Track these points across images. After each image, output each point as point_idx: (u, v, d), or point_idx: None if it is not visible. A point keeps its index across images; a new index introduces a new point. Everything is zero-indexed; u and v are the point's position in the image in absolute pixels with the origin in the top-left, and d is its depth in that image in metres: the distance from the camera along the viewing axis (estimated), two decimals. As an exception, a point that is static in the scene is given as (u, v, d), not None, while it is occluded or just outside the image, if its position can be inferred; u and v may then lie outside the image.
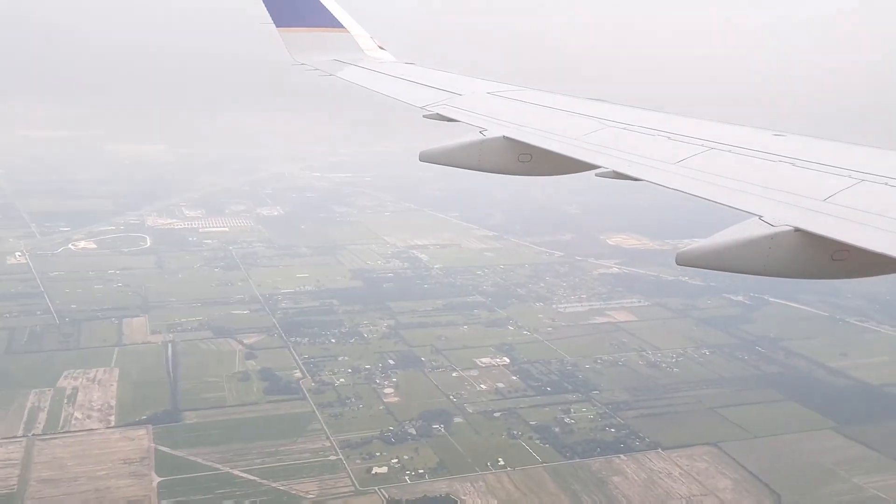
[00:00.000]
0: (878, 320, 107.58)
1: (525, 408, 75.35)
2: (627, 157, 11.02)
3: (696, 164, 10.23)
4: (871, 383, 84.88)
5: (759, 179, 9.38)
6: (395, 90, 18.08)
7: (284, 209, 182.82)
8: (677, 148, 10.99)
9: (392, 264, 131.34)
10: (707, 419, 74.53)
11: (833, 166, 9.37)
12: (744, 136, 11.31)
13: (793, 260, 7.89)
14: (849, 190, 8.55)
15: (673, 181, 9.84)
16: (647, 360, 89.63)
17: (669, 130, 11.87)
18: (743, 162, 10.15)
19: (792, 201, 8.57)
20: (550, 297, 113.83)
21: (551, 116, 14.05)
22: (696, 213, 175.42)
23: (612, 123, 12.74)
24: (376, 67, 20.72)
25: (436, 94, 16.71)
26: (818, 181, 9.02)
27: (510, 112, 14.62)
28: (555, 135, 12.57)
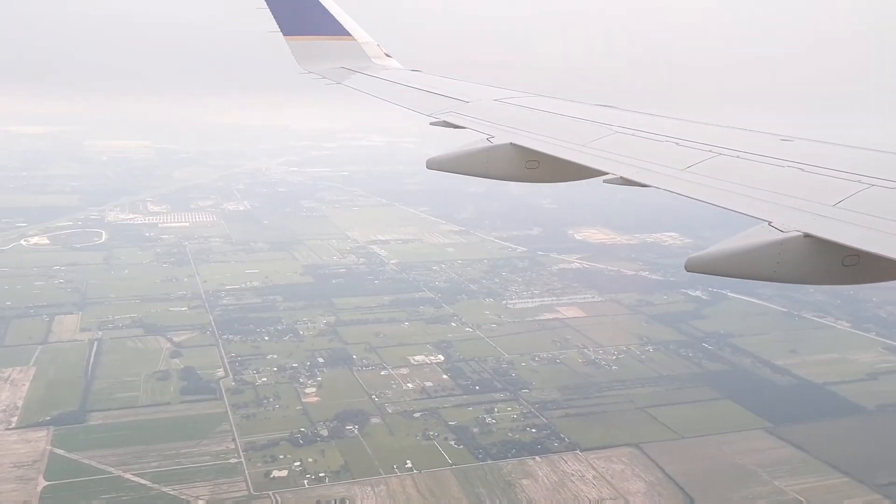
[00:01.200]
0: (836, 316, 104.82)
1: (448, 407, 72.94)
2: (635, 162, 10.87)
3: (703, 170, 10.07)
4: (814, 382, 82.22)
5: (768, 185, 9.24)
6: (402, 98, 18.00)
7: (252, 204, 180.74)
8: (685, 153, 10.82)
9: (347, 260, 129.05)
10: (635, 419, 72.00)
11: (842, 171, 9.21)
12: (751, 141, 11.22)
13: (802, 266, 7.75)
14: (858, 195, 8.39)
15: (680, 187, 9.67)
16: (586, 357, 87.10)
17: (677, 136, 11.72)
18: (751, 167, 10.00)
19: (801, 206, 8.43)
20: (502, 293, 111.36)
21: (558, 122, 13.94)
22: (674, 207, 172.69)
23: (619, 129, 12.62)
24: (383, 75, 20.61)
25: (443, 102, 16.61)
26: (827, 186, 8.86)
27: (517, 119, 14.51)
28: (562, 141, 12.48)
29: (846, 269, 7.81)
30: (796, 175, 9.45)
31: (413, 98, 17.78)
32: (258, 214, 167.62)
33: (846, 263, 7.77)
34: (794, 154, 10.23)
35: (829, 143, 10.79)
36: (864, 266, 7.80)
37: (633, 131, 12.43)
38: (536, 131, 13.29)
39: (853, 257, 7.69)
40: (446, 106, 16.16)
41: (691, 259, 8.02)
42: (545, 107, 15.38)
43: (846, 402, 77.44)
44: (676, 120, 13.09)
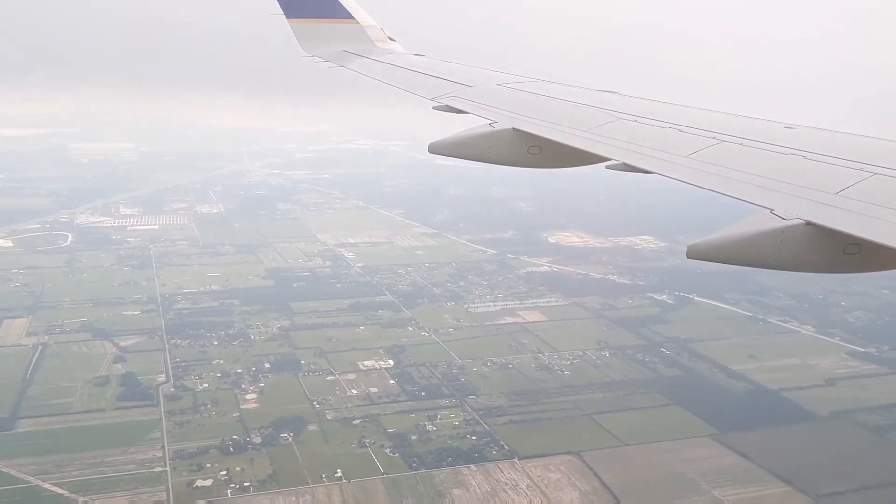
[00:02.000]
0: (801, 321, 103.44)
1: (390, 414, 71.40)
2: (638, 149, 10.77)
3: (706, 157, 10.02)
4: (769, 387, 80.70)
5: (771, 172, 9.19)
6: (405, 81, 17.76)
7: (226, 206, 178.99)
8: (688, 140, 10.76)
9: (313, 262, 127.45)
10: (579, 426, 70.49)
11: (845, 159, 9.18)
12: (755, 128, 11.14)
13: (804, 253, 7.79)
14: (861, 183, 8.38)
15: (683, 174, 9.62)
16: (540, 362, 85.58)
17: (680, 122, 11.64)
18: (754, 155, 9.93)
19: (803, 194, 8.41)
20: (465, 297, 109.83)
21: (561, 108, 13.80)
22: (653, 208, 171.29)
23: (622, 115, 12.49)
24: (386, 59, 20.38)
25: (446, 86, 16.42)
26: (830, 174, 8.84)
27: (520, 103, 14.39)
28: (565, 126, 12.38)
29: (847, 257, 7.79)
30: (799, 163, 9.39)
31: (416, 82, 17.54)
32: (231, 217, 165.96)
33: (847, 252, 7.76)
34: (796, 142, 10.12)
35: (831, 131, 10.72)
36: (866, 254, 7.78)
37: (637, 117, 12.25)
38: (539, 116, 13.12)
39: (854, 245, 7.67)
40: (449, 90, 15.89)
41: (692, 246, 8.00)
42: (548, 92, 15.13)
43: (799, 409, 75.95)
44: (680, 106, 12.96)
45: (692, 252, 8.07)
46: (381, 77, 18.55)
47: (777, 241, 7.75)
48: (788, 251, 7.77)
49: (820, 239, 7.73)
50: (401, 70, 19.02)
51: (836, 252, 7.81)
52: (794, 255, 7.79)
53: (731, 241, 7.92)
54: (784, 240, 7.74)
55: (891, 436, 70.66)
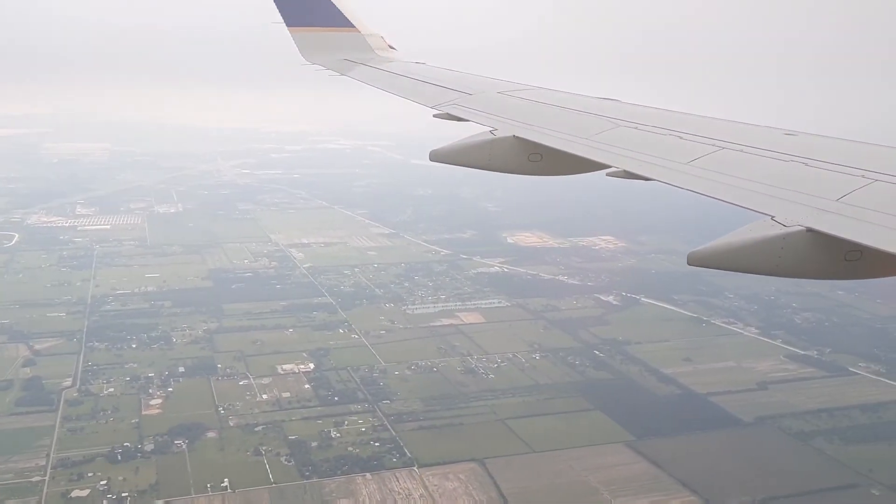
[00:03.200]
0: (746, 322, 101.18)
1: (296, 420, 68.97)
2: (638, 156, 10.82)
3: (706, 164, 10.07)
4: (697, 392, 78.38)
5: (771, 179, 9.18)
6: (405, 90, 17.86)
7: (186, 206, 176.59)
8: (688, 147, 10.76)
9: (259, 263, 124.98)
10: (491, 432, 68.09)
11: (846, 166, 9.15)
12: (755, 135, 11.10)
13: (805, 260, 7.74)
14: (862, 190, 8.36)
15: (683, 181, 9.61)
16: (466, 365, 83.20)
17: (680, 130, 11.62)
18: (754, 161, 9.95)
19: (804, 201, 8.38)
20: (406, 298, 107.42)
21: (562, 115, 13.77)
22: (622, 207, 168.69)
23: (622, 123, 12.49)
24: (386, 67, 20.52)
25: (446, 94, 16.47)
26: (831, 181, 8.80)
27: (520, 111, 14.40)
28: (565, 134, 12.36)
29: (848, 264, 7.78)
30: (799, 169, 9.38)
31: (416, 90, 17.57)
32: (188, 217, 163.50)
33: (848, 258, 7.75)
34: (797, 148, 10.13)
35: (832, 138, 10.69)
36: (867, 261, 7.77)
37: (637, 124, 12.28)
38: (539, 124, 13.14)
39: (855, 252, 7.67)
40: (450, 98, 15.98)
41: (693, 253, 7.95)
42: (548, 99, 15.14)
43: (724, 414, 73.63)
44: (680, 113, 13.00)
45: (693, 259, 7.99)
46: (382, 85, 18.65)
47: (778, 248, 7.67)
48: (789, 258, 7.69)
49: (821, 246, 7.66)
50: (401, 78, 19.13)
51: (838, 259, 7.74)
52: (795, 262, 7.73)
53: (732, 248, 7.83)
54: (785, 247, 7.66)
55: (814, 442, 68.33)
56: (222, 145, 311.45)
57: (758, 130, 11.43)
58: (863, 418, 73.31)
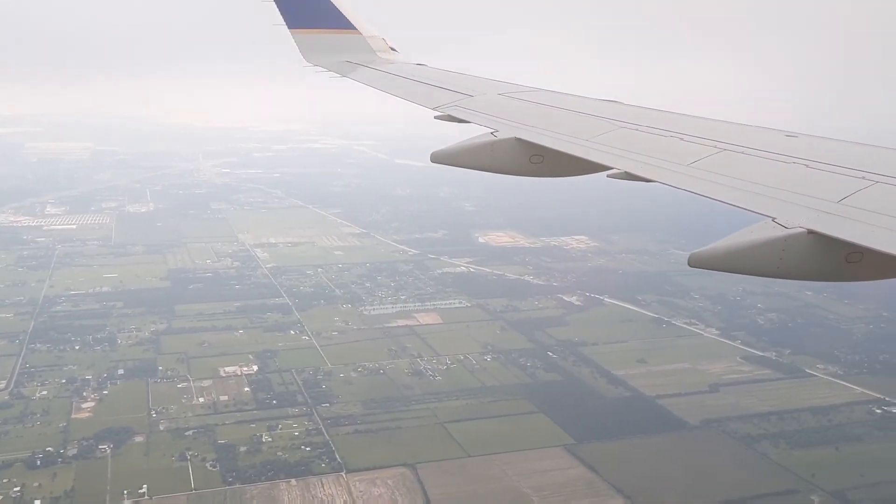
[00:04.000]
0: (708, 323, 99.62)
1: (229, 424, 67.36)
2: (639, 158, 10.71)
3: (707, 166, 9.96)
4: (645, 394, 76.83)
5: (772, 181, 9.15)
6: (406, 91, 17.73)
7: (158, 206, 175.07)
8: (689, 149, 10.72)
9: (221, 263, 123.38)
10: (428, 436, 66.50)
11: (847, 167, 9.12)
12: (756, 136, 11.07)
13: (806, 262, 7.70)
14: (863, 191, 8.33)
15: (684, 182, 9.58)
16: (415, 367, 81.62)
17: (681, 131, 11.60)
18: (755, 163, 9.86)
19: (805, 203, 8.35)
20: (366, 299, 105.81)
21: (563, 117, 13.76)
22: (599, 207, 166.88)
23: (624, 124, 12.48)
24: (387, 69, 20.46)
25: (447, 95, 16.42)
26: (832, 182, 8.80)
27: (522, 113, 14.40)
28: (567, 136, 12.33)
29: (850, 265, 7.76)
30: (800, 171, 9.40)
31: (417, 92, 17.54)
32: (157, 216, 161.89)
33: (850, 260, 7.71)
34: (798, 150, 10.13)
35: (833, 140, 10.68)
36: (868, 263, 7.72)
37: (638, 126, 12.27)
38: (541, 126, 13.09)
39: (857, 254, 7.63)
40: (451, 100, 15.93)
41: (694, 255, 7.94)
42: (550, 101, 15.16)
43: (670, 417, 72.09)
44: (681, 115, 12.96)
45: (693, 261, 7.97)
46: (383, 87, 18.61)
47: (779, 250, 7.68)
48: (790, 260, 7.68)
49: (822, 247, 7.64)
50: (402, 80, 19.05)
51: (839, 260, 7.72)
52: (796, 264, 7.71)
53: (733, 250, 7.84)
54: (786, 248, 7.66)
55: (759, 446, 66.79)
56: (208, 145, 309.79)
57: (759, 132, 11.40)
58: (812, 421, 71.81)
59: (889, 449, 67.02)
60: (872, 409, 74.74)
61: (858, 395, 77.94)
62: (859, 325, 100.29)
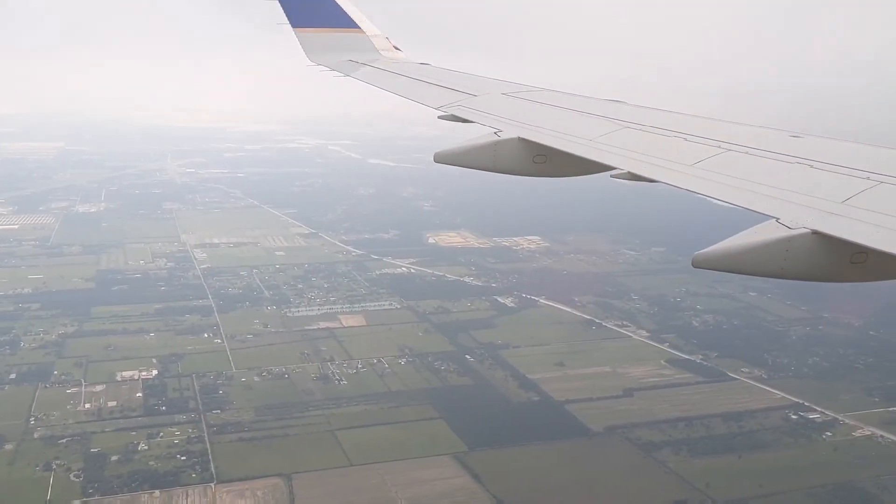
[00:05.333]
0: (640, 325, 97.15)
1: (108, 432, 64.59)
2: (643, 158, 10.75)
3: (711, 166, 9.95)
4: (555, 399, 74.27)
5: (776, 181, 9.15)
6: (410, 91, 17.74)
7: (110, 206, 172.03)
8: (693, 149, 10.70)
9: (155, 264, 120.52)
10: (314, 443, 63.78)
11: (851, 168, 9.10)
12: (760, 137, 11.08)
13: (810, 263, 7.67)
14: (867, 192, 8.31)
15: (688, 183, 9.59)
16: (323, 372, 78.96)
17: (685, 131, 11.57)
18: (759, 163, 9.89)
19: (809, 203, 8.32)
20: (294, 301, 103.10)
21: (567, 117, 13.72)
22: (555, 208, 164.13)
23: (627, 124, 12.44)
24: (391, 68, 20.42)
25: (451, 95, 16.30)
26: (836, 183, 8.78)
27: (525, 113, 14.39)
28: (570, 136, 12.30)
29: (854, 266, 7.71)
30: (805, 171, 9.32)
31: (421, 91, 17.52)
32: (106, 216, 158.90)
33: (854, 261, 7.67)
34: (802, 150, 10.05)
35: (838, 140, 10.60)
36: (872, 264, 7.68)
37: (642, 126, 12.26)
38: (544, 126, 13.10)
39: (861, 255, 7.58)
40: (454, 99, 15.85)
41: (698, 255, 7.85)
42: (553, 101, 15.08)
43: (574, 423, 69.53)
44: (685, 115, 12.95)
45: (697, 261, 7.86)
46: (386, 86, 18.46)
47: (783, 251, 7.57)
48: (794, 260, 7.62)
49: (826, 248, 7.57)
50: (406, 79, 18.97)
51: (843, 261, 7.65)
52: (801, 265, 7.65)
53: (737, 251, 7.70)
54: (790, 249, 7.56)
55: (659, 454, 64.24)
56: (181, 144, 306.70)
57: (763, 132, 11.34)
58: (722, 428, 69.37)
59: (795, 457, 64.66)
60: (788, 415, 72.41)
61: (778, 401, 75.60)
62: (797, 328, 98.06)
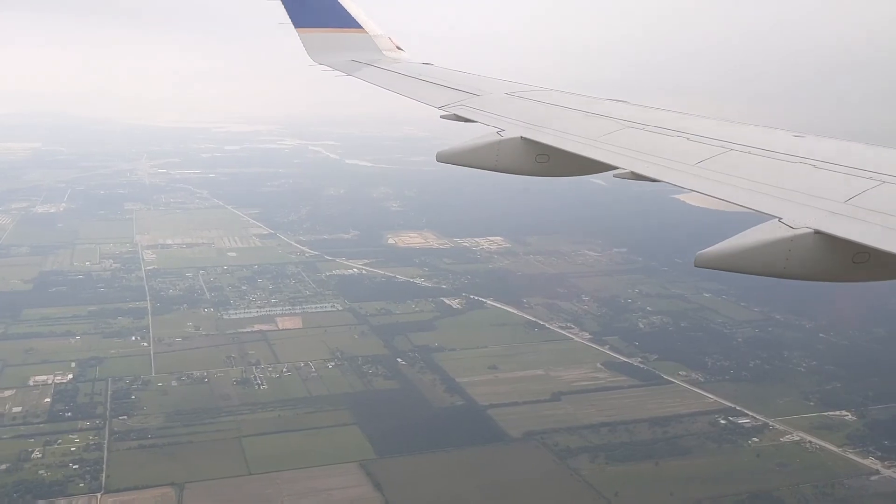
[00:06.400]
0: (584, 327, 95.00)
1: (5, 439, 62.44)
2: (646, 157, 10.74)
3: (714, 165, 9.94)
4: (479, 404, 72.19)
5: (779, 181, 9.11)
6: (413, 90, 17.71)
7: (72, 206, 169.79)
8: (696, 149, 10.66)
9: (101, 265, 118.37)
10: (217, 451, 61.61)
11: (854, 167, 9.04)
12: (763, 136, 11.08)
13: (813, 262, 7.67)
14: (870, 191, 8.25)
15: (691, 182, 9.63)
16: (245, 376, 76.84)
17: (688, 131, 11.54)
18: (762, 163, 9.85)
19: (812, 203, 8.29)
20: (234, 303, 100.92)
21: (569, 116, 13.66)
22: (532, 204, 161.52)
23: (630, 124, 12.41)
24: (394, 68, 20.46)
25: (453, 95, 16.26)
26: (838, 182, 8.72)
27: (528, 112, 14.34)
28: (572, 135, 12.25)
29: (857, 266, 7.71)
30: (807, 171, 9.29)
31: (423, 91, 17.56)
32: (63, 217, 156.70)
33: (857, 261, 7.66)
34: (805, 150, 10.01)
35: (840, 140, 10.63)
36: (875, 264, 7.66)
37: (645, 126, 12.20)
38: (547, 125, 13.05)
39: (864, 255, 7.57)
40: (457, 99, 15.85)
41: (700, 255, 7.87)
42: (556, 100, 15.00)
43: (493, 429, 67.43)
44: (688, 115, 12.86)
45: (700, 261, 7.86)
46: (389, 86, 18.53)
47: (786, 250, 7.57)
48: (797, 260, 7.61)
49: (829, 248, 7.55)
50: (408, 79, 19.00)
51: (846, 261, 7.62)
52: (803, 265, 7.65)
53: (739, 250, 7.72)
54: (793, 249, 7.56)
55: (575, 461, 62.07)
56: (161, 145, 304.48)
57: (766, 132, 11.37)
58: (646, 433, 67.27)
59: (714, 464, 62.59)
60: (717, 420, 70.37)
61: (709, 405, 73.59)
62: (745, 329, 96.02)
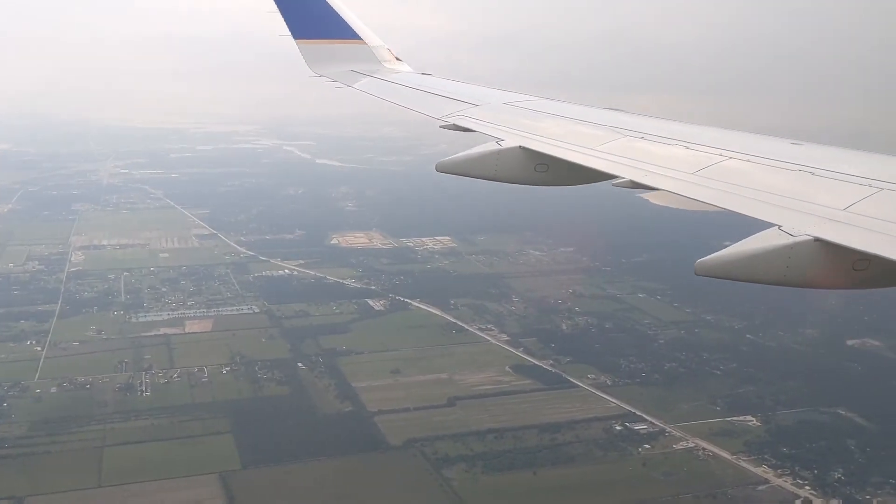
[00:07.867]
0: (504, 329, 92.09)
1: None
2: (645, 166, 10.75)
3: (713, 174, 10.01)
4: (368, 410, 69.28)
5: (778, 188, 9.20)
6: (412, 101, 17.94)
7: (19, 206, 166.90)
8: (695, 157, 10.71)
9: (24, 267, 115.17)
10: (73, 462, 58.63)
11: (852, 175, 9.13)
12: (761, 144, 11.11)
13: (812, 270, 7.71)
14: (869, 199, 8.35)
15: (689, 190, 9.63)
16: (131, 382, 73.92)
17: (687, 139, 11.57)
18: (760, 171, 9.96)
19: (811, 210, 8.36)
20: (148, 305, 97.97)
21: (568, 126, 13.77)
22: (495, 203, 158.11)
23: (629, 132, 12.45)
24: (393, 78, 20.53)
25: (452, 105, 16.39)
26: (837, 190, 8.80)
27: (527, 122, 14.49)
28: (571, 144, 12.34)
29: (856, 273, 7.71)
30: (806, 179, 9.32)
31: (423, 101, 17.63)
32: (6, 218, 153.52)
33: (856, 268, 7.67)
34: (803, 158, 10.07)
35: (839, 147, 10.64)
36: (875, 270, 7.67)
37: (643, 134, 12.22)
38: (546, 134, 13.09)
39: (863, 262, 7.59)
40: (456, 109, 15.92)
41: (700, 262, 7.91)
42: (555, 110, 15.14)
43: (375, 436, 64.53)
44: (686, 123, 13.00)
45: (700, 269, 7.89)
46: (388, 97, 18.53)
47: (786, 258, 7.58)
48: (797, 268, 7.60)
49: (828, 255, 7.58)
50: (408, 89, 19.06)
51: (846, 268, 7.63)
52: (803, 272, 7.63)
53: (739, 258, 7.76)
54: (792, 256, 7.57)
55: (450, 470, 59.12)
56: (132, 146, 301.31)
57: (764, 140, 11.38)
58: (533, 440, 64.43)
59: (596, 472, 59.86)
60: (613, 426, 67.51)
61: (610, 410, 70.78)
62: (671, 330, 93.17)
